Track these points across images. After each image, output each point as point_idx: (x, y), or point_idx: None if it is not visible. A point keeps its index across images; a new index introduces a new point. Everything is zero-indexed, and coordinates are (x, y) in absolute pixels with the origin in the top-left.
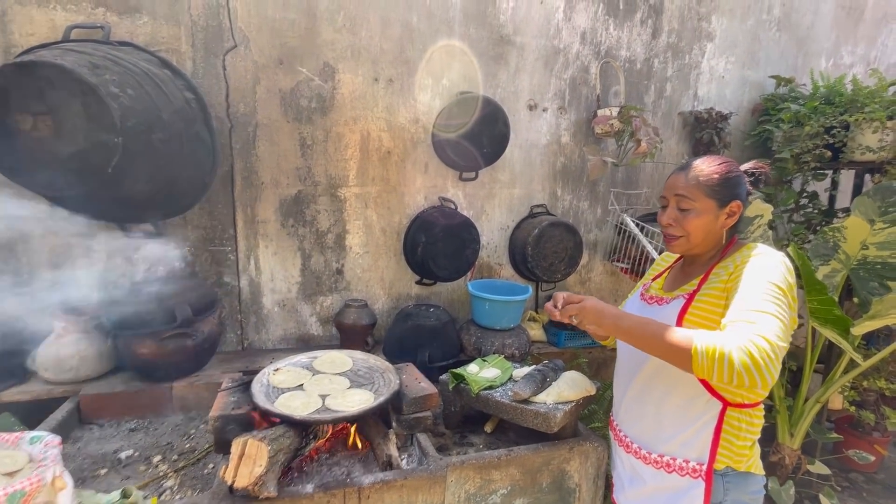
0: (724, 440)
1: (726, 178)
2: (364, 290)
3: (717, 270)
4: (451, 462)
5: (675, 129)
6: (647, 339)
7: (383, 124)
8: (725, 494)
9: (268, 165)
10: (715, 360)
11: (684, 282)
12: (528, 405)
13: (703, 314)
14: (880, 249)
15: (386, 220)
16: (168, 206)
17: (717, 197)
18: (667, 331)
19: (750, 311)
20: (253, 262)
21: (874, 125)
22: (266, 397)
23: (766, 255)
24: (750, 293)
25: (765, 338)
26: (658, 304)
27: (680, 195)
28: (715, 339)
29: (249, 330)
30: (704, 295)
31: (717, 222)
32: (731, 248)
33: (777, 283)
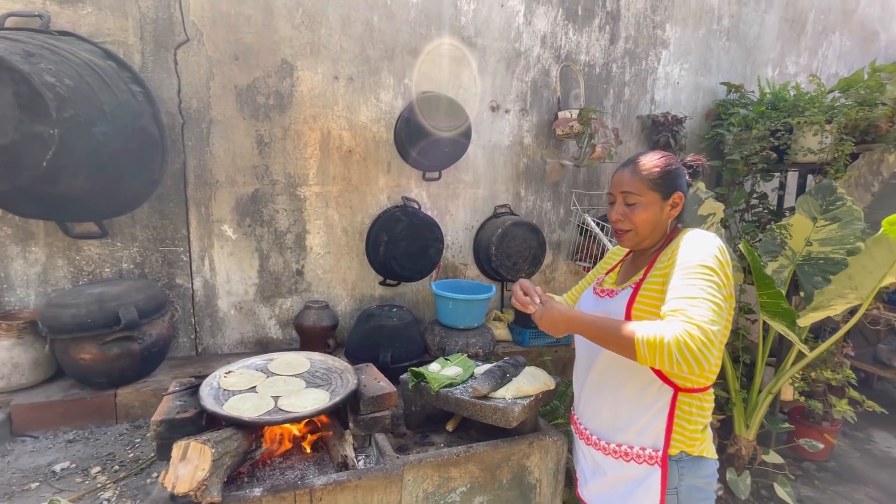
0: (678, 425)
1: (667, 171)
2: (325, 291)
3: (661, 258)
4: (407, 461)
5: (634, 132)
6: (598, 336)
7: (344, 123)
8: (680, 480)
9: (223, 163)
10: (655, 351)
11: (633, 273)
12: (487, 401)
13: (648, 301)
14: (822, 245)
15: (348, 219)
16: (113, 204)
17: (660, 190)
18: (614, 326)
19: (682, 300)
20: (207, 262)
21: (814, 128)
22: (215, 400)
23: (696, 238)
24: (682, 280)
25: (697, 325)
26: (609, 296)
27: (626, 191)
28: (653, 330)
29: (204, 334)
30: (649, 283)
31: (662, 214)
32: (673, 235)
33: (707, 265)
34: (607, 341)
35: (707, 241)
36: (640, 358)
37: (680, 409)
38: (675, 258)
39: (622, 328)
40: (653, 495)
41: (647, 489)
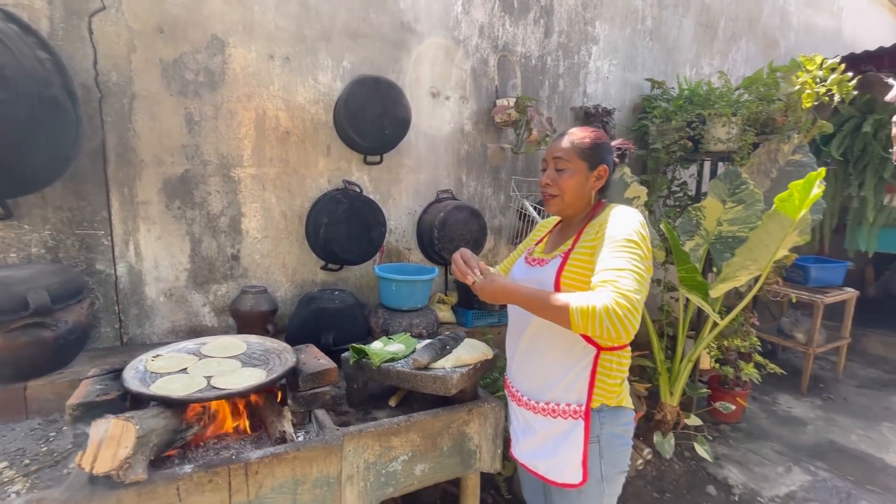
0: (599, 381)
1: (596, 143)
2: (264, 276)
3: (588, 230)
4: (347, 431)
5: (568, 122)
6: (535, 307)
7: (280, 103)
8: (601, 428)
9: (148, 142)
10: (587, 319)
11: (561, 243)
12: (428, 371)
13: (577, 270)
14: (730, 225)
15: (286, 203)
16: (18, 181)
17: (588, 160)
18: (550, 297)
19: (611, 271)
20: (132, 247)
21: (723, 120)
22: (141, 382)
23: (621, 213)
24: (610, 253)
25: (624, 295)
26: (539, 265)
27: (557, 157)
28: (586, 300)
29: (130, 323)
30: (577, 253)
31: (587, 183)
32: (599, 209)
33: (632, 239)
34: (543, 311)
35: (631, 217)
36: (573, 326)
37: (602, 367)
38: (604, 232)
39: (557, 299)
40: (577, 445)
41: (573, 441)
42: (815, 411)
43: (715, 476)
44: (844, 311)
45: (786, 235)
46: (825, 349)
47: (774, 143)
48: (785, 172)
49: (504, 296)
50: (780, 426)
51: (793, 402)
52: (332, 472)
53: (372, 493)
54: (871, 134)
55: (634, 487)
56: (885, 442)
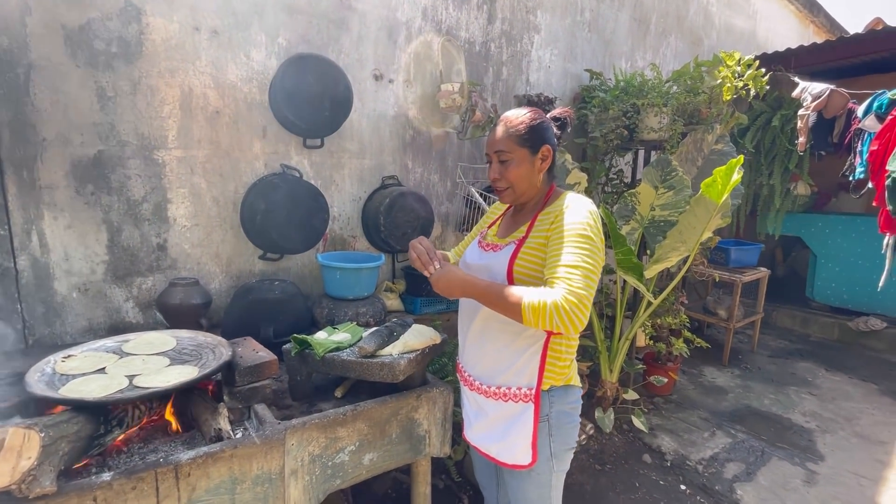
0: (549, 364)
1: (532, 126)
2: (195, 268)
3: (541, 217)
4: (290, 425)
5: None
6: (489, 301)
7: (209, 80)
8: (551, 407)
9: (51, 118)
10: (538, 315)
11: (515, 228)
12: (374, 359)
13: (529, 259)
14: (662, 210)
15: (218, 188)
16: None
17: (528, 145)
18: (504, 293)
19: (563, 268)
20: (36, 237)
21: (655, 110)
22: (48, 385)
23: (575, 204)
24: (563, 249)
25: (574, 292)
26: (493, 250)
27: (498, 150)
28: (538, 296)
29: (36, 323)
30: (530, 242)
31: (533, 168)
32: (552, 195)
33: (583, 234)
34: (496, 306)
35: (584, 209)
36: (525, 321)
37: (552, 350)
38: (559, 223)
39: (511, 294)
40: (528, 427)
41: (524, 423)
42: (734, 380)
43: (650, 445)
44: (759, 289)
45: (711, 218)
46: (742, 324)
47: (700, 132)
48: (709, 160)
49: (461, 288)
50: (705, 396)
51: (716, 373)
52: (275, 468)
53: (318, 487)
54: (778, 128)
55: (579, 461)
56: (791, 403)
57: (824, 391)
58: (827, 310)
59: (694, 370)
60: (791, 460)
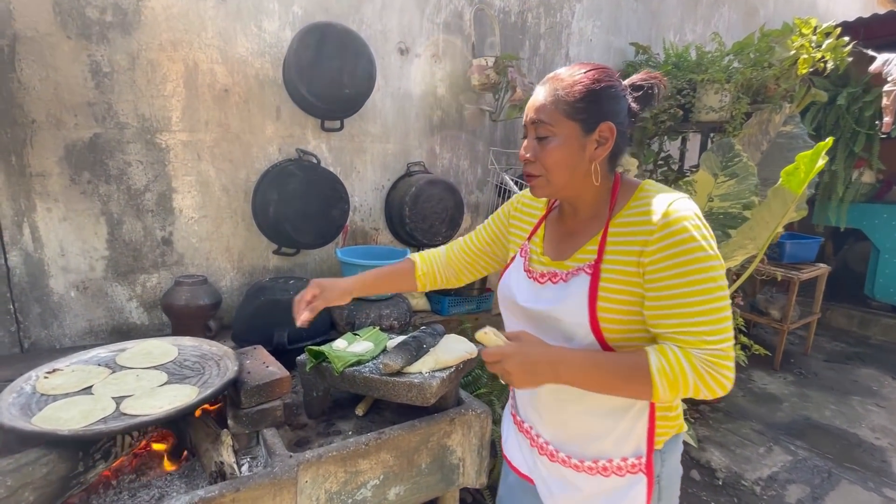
0: (660, 419)
1: (592, 90)
2: (204, 264)
3: (617, 229)
4: (303, 459)
5: None
6: (603, 383)
7: (216, 54)
8: (662, 466)
9: (41, 96)
10: (679, 391)
11: (574, 244)
12: (401, 377)
13: (616, 294)
14: (722, 200)
15: (228, 175)
16: None
17: (581, 117)
18: (624, 366)
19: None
20: (28, 231)
21: (715, 86)
22: (22, 410)
23: (673, 213)
24: (692, 299)
25: (725, 357)
26: (553, 282)
27: (536, 119)
28: (675, 368)
29: (31, 324)
30: (613, 266)
31: (583, 154)
32: (621, 192)
33: (702, 259)
34: (611, 388)
35: (686, 215)
36: (655, 398)
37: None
38: (660, 248)
39: (629, 368)
40: (639, 500)
41: (633, 498)
42: (788, 387)
43: (698, 460)
44: (816, 287)
45: (787, 212)
46: (798, 325)
47: (766, 112)
48: (776, 144)
49: (550, 371)
50: (757, 404)
51: (767, 378)
52: None
53: None
54: (844, 107)
55: None
56: (856, 416)
57: (894, 402)
58: (889, 309)
59: (741, 374)
60: (864, 484)
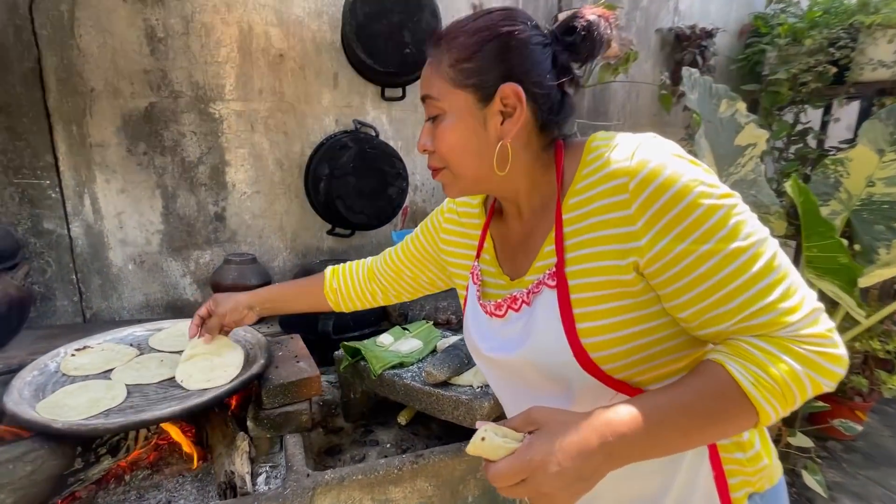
0: (730, 462)
1: (479, 42)
2: (256, 242)
3: (575, 212)
4: (321, 481)
5: (652, 50)
6: (673, 442)
7: (271, 15)
8: None
9: (99, 64)
10: (794, 397)
11: (529, 251)
12: (447, 390)
13: (599, 303)
14: (889, 185)
15: (282, 149)
16: None
17: (470, 82)
18: (692, 405)
19: (766, 297)
20: (88, 202)
21: (889, 33)
22: (35, 392)
23: (664, 172)
24: (734, 264)
25: (822, 323)
26: (515, 309)
27: (423, 95)
28: (771, 368)
29: (92, 295)
30: (583, 265)
31: (485, 133)
32: (565, 159)
33: (734, 214)
34: (700, 437)
35: (664, 161)
36: (765, 421)
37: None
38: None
39: (715, 397)
40: None
41: None
42: None
43: None
44: None
45: None
46: None
47: None
48: None
49: (603, 457)
50: None
51: None
52: None
53: None
54: None
55: None
56: None
57: None
58: None
59: (889, 408)
60: None
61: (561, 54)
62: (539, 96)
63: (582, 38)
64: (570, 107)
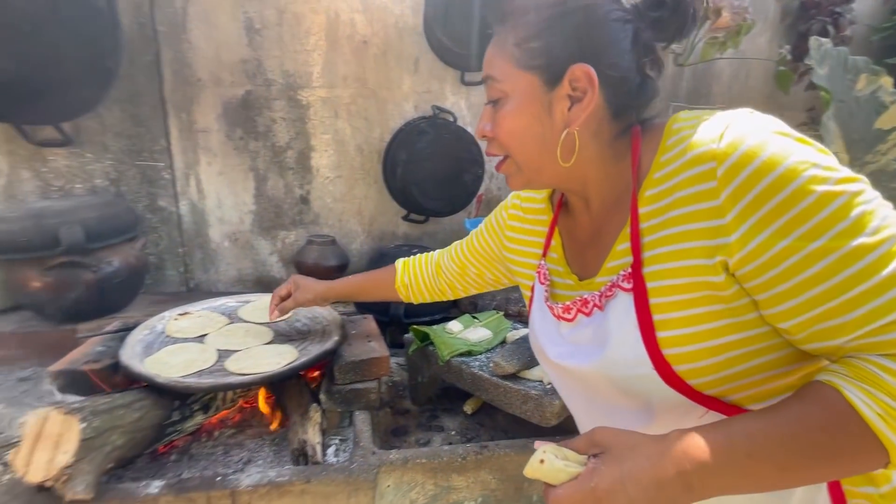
0: (856, 497)
1: (550, 18)
2: (337, 225)
3: (654, 205)
4: (386, 460)
5: (770, 22)
6: (773, 479)
7: (356, 2)
8: None
9: (205, 56)
10: None
11: (600, 249)
12: (516, 383)
13: (684, 308)
14: None
15: (363, 134)
16: (61, 99)
17: (537, 62)
18: (795, 436)
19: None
20: (194, 182)
21: None
22: (144, 349)
23: (761, 152)
24: (857, 265)
25: None
26: (586, 313)
27: (485, 76)
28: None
29: (195, 268)
30: (663, 265)
31: (550, 120)
32: (642, 148)
33: (858, 197)
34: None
35: (764, 139)
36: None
37: None
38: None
39: (828, 429)
40: None
41: None
42: None
43: None
44: None
45: None
46: None
47: None
48: None
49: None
50: None
51: None
52: None
53: None
54: None
55: None
56: None
57: None
58: None
59: None
60: None
61: (644, 32)
62: (614, 79)
63: (671, 13)
64: (652, 90)
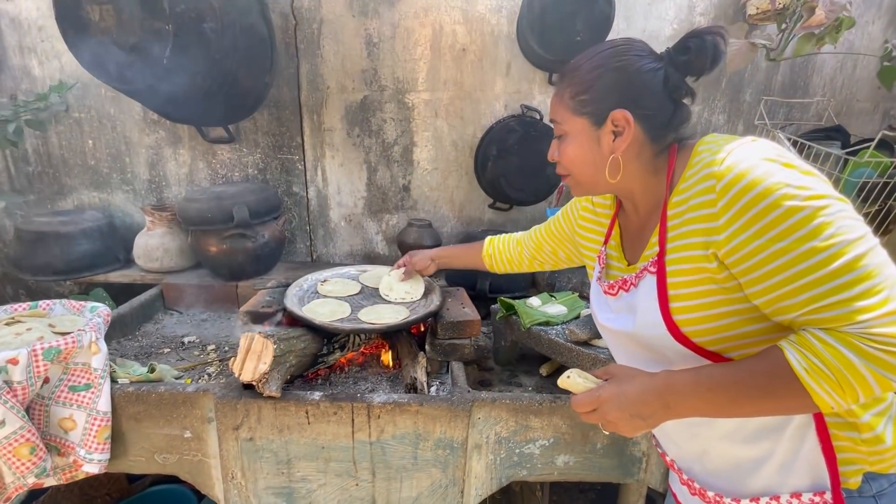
0: (841, 440)
1: (592, 79)
2: (432, 210)
3: (677, 210)
4: (478, 397)
5: (885, 9)
6: (726, 408)
7: (458, 14)
8: None
9: (332, 67)
10: (856, 391)
11: (642, 241)
12: (587, 348)
13: (689, 287)
14: None
15: (458, 131)
16: (231, 108)
17: (586, 111)
18: (744, 381)
19: (840, 293)
20: (320, 172)
21: None
22: (298, 301)
23: (747, 175)
24: (809, 261)
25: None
26: (625, 289)
27: (551, 119)
28: (830, 360)
29: (318, 242)
30: (679, 255)
31: (600, 148)
32: (676, 163)
33: (822, 213)
34: (752, 408)
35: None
36: (823, 409)
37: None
38: (731, 218)
39: (770, 376)
40: None
41: None
42: None
43: None
44: None
45: None
46: None
47: None
48: None
49: (659, 405)
50: None
51: None
52: (457, 437)
53: (502, 471)
54: None
55: None
56: None
57: None
58: None
59: None
60: None
61: (673, 75)
62: (647, 116)
63: (695, 55)
64: (686, 115)
